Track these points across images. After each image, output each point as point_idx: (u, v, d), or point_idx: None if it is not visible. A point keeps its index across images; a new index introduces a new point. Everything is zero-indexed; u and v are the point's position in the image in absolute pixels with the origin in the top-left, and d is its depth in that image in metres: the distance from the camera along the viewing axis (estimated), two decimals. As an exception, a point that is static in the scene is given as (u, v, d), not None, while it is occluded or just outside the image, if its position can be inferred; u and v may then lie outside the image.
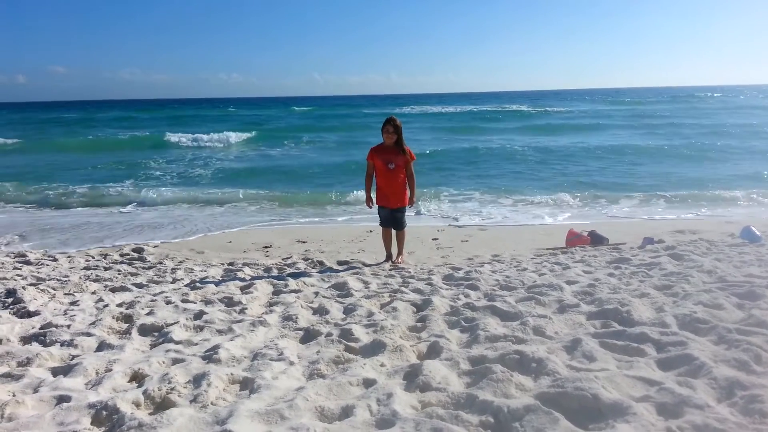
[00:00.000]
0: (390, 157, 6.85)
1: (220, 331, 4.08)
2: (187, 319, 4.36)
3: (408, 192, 7.04)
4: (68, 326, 4.23)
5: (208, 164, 22.27)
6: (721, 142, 24.85)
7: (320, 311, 4.59)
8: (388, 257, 7.28)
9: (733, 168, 18.42)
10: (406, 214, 7.24)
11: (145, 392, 2.88)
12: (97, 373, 3.27)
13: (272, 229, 10.72)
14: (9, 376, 3.20)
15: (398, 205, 7.03)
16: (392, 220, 7.11)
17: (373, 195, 7.13)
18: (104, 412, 2.67)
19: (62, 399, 2.85)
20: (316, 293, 5.28)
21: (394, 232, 7.22)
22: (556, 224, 10.74)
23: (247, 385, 3.01)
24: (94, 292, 5.57)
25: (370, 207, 7.19)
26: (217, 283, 5.85)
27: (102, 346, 3.79)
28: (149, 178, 18.58)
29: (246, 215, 12.41)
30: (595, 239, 8.17)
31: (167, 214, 12.66)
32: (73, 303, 5.05)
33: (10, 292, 5.28)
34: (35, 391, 3.01)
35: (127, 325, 4.31)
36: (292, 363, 3.31)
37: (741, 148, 23.08)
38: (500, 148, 25.30)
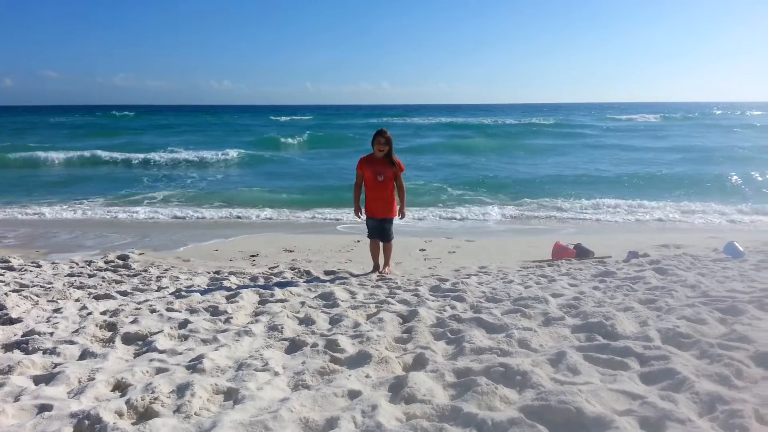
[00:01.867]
0: (379, 168, 6.89)
1: (204, 341, 4.05)
2: (171, 328, 4.32)
3: (396, 204, 7.09)
4: (51, 334, 4.19)
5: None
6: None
7: (306, 321, 4.57)
8: (375, 268, 7.31)
9: None
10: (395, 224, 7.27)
11: (128, 402, 2.85)
12: (79, 382, 3.23)
13: (259, 238, 10.68)
14: (-11, 384, 3.17)
15: (386, 216, 7.07)
16: (380, 231, 7.14)
17: (362, 206, 7.17)
18: (86, 422, 2.64)
19: (44, 408, 2.82)
20: (303, 303, 5.26)
21: (381, 243, 7.24)
22: (544, 237, 10.78)
23: (231, 396, 2.99)
24: (77, 300, 5.52)
25: (359, 217, 7.19)
26: (202, 292, 5.82)
27: (85, 355, 3.76)
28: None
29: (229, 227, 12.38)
30: (581, 252, 8.24)
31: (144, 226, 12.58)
32: (56, 310, 4.99)
33: (-8, 299, 5.21)
34: (16, 399, 2.97)
35: (111, 333, 4.27)
36: (277, 373, 3.30)
37: None
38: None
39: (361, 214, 7.13)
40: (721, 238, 9.15)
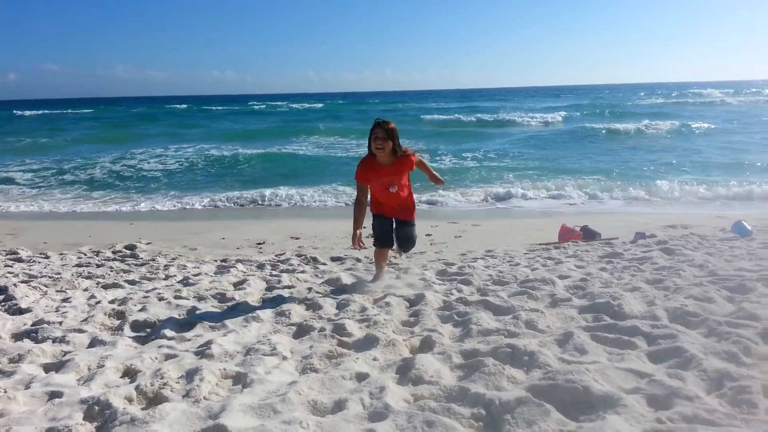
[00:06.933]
0: (389, 178, 4.88)
1: (212, 327, 4.08)
2: (179, 315, 4.35)
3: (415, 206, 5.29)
4: (60, 323, 4.22)
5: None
6: None
7: (313, 307, 4.59)
8: (379, 276, 5.45)
9: None
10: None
11: (137, 387, 2.88)
12: (89, 369, 3.26)
13: (266, 225, 10.70)
14: (0, 373, 3.20)
15: (408, 218, 5.19)
16: (403, 235, 5.16)
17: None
18: (96, 408, 2.67)
19: (54, 395, 2.85)
20: (309, 289, 5.27)
21: (401, 253, 5.59)
22: (550, 219, 10.75)
23: (240, 380, 3.01)
24: (86, 289, 5.55)
25: (358, 248, 4.87)
26: (210, 280, 5.83)
27: (94, 342, 3.78)
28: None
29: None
30: (588, 234, 8.21)
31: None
32: (65, 300, 5.03)
33: (2, 289, 5.25)
34: (27, 387, 3.00)
35: (120, 321, 4.30)
36: (284, 358, 3.32)
37: None
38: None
39: (362, 245, 4.84)
40: (729, 218, 9.09)
